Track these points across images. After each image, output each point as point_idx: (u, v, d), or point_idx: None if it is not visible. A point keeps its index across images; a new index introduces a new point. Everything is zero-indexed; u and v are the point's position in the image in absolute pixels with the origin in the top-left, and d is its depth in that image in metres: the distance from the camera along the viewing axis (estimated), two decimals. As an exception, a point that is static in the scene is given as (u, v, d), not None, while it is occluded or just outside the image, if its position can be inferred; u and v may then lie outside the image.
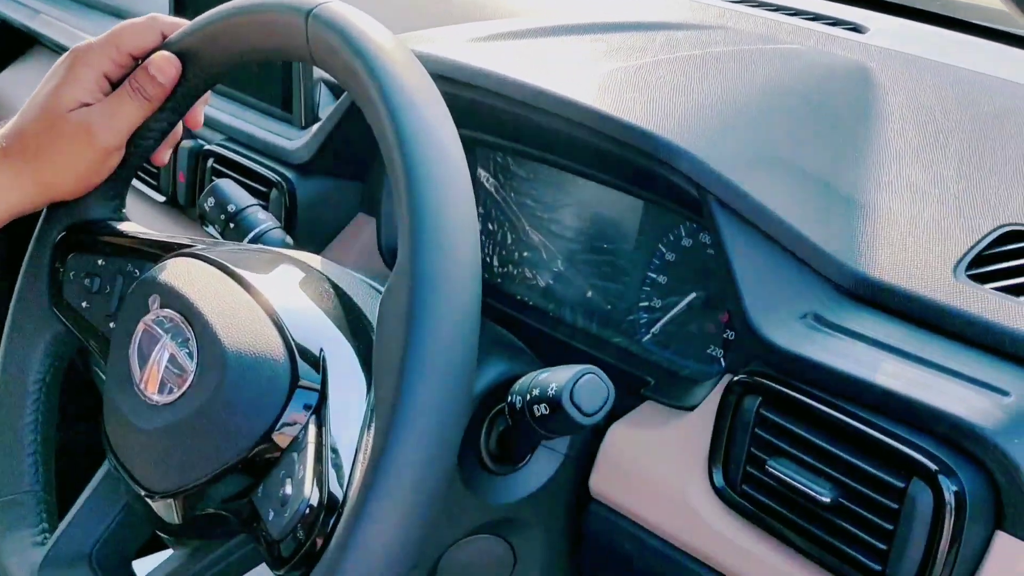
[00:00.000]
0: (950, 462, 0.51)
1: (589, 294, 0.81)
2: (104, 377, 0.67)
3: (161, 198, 1.05)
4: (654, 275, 0.77)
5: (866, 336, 0.57)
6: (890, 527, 0.53)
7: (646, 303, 0.78)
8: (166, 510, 0.62)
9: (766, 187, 0.61)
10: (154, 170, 1.05)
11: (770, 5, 0.96)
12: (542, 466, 0.69)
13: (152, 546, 0.71)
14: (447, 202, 0.51)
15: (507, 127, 0.77)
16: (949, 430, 0.52)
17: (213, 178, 0.98)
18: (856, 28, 0.88)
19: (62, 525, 0.67)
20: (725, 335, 0.73)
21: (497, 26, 0.87)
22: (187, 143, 0.99)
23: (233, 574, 0.63)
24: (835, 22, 0.90)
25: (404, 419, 0.48)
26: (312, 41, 0.58)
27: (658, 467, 0.66)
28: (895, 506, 0.53)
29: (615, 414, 0.70)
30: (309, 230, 0.89)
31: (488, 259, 0.88)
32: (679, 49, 0.77)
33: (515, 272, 0.86)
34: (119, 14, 1.34)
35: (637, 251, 0.78)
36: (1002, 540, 0.52)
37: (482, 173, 0.87)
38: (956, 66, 0.78)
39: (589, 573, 0.72)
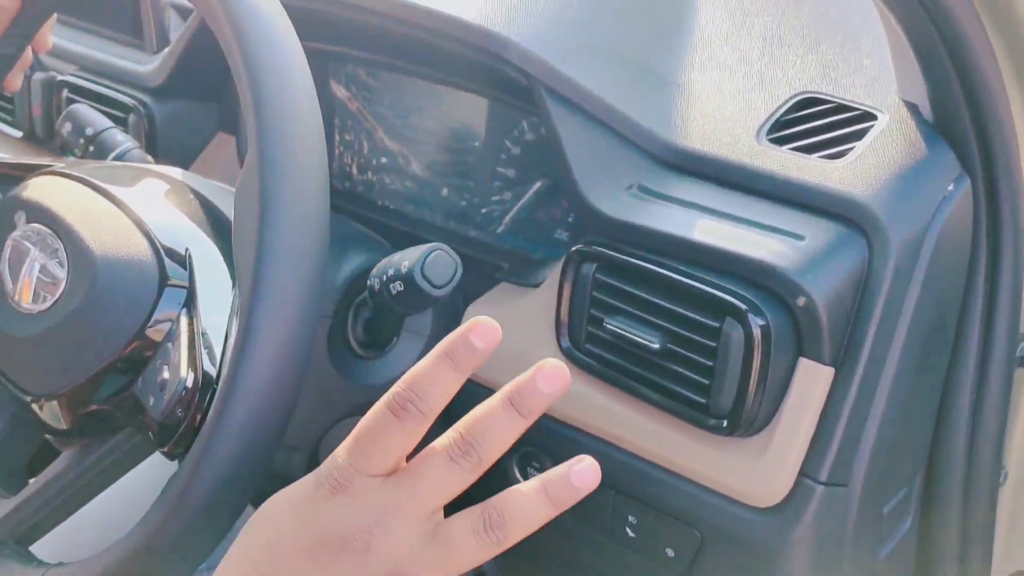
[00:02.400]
0: (757, 300, 0.59)
1: (445, 192, 0.86)
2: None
3: (18, 133, 1.05)
4: (503, 169, 0.83)
5: (683, 200, 0.64)
6: (710, 363, 0.60)
7: (497, 197, 0.83)
8: (52, 414, 0.65)
9: (589, 72, 0.67)
10: (8, 106, 1.05)
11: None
12: (407, 349, 0.75)
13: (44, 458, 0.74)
14: (289, 97, 0.55)
15: (357, 37, 0.81)
16: (754, 272, 0.59)
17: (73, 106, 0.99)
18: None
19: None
20: (570, 219, 0.79)
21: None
22: (40, 75, 1.00)
23: (122, 468, 0.67)
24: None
25: (263, 298, 0.53)
26: None
27: (512, 339, 0.71)
28: (713, 344, 0.60)
29: (472, 297, 0.76)
30: (170, 152, 0.91)
31: (348, 168, 0.92)
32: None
33: (374, 179, 0.91)
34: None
35: (485, 148, 0.83)
36: (803, 364, 0.60)
37: (335, 86, 0.91)
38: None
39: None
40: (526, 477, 0.74)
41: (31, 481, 0.68)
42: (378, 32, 0.77)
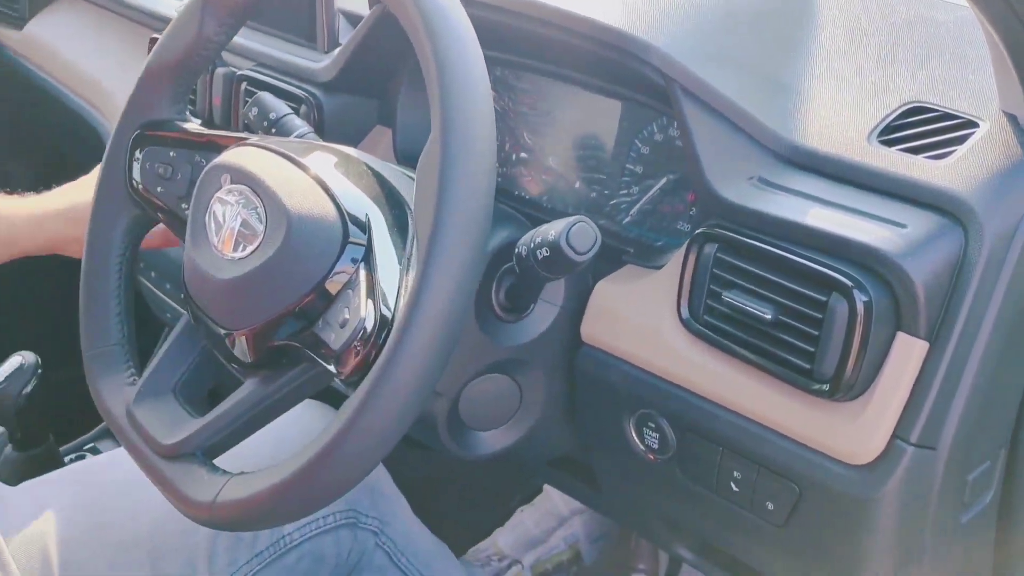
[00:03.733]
0: (861, 278, 0.67)
1: (577, 185, 0.96)
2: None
3: (198, 121, 1.18)
4: (631, 166, 0.92)
5: (799, 191, 0.73)
6: (816, 333, 0.68)
7: (625, 190, 0.93)
8: (240, 347, 0.76)
9: (720, 77, 0.76)
10: (192, 96, 1.18)
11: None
12: (542, 316, 0.84)
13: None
14: (470, 84, 0.65)
15: (505, 41, 0.91)
16: (860, 254, 0.67)
17: (246, 100, 1.12)
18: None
19: (150, 366, 0.82)
20: (691, 211, 0.88)
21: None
22: (222, 70, 1.13)
23: (298, 397, 0.78)
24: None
25: (438, 256, 0.63)
26: None
27: (636, 311, 0.81)
28: (819, 316, 0.68)
29: (600, 276, 0.86)
30: (334, 140, 1.03)
31: (489, 162, 1.02)
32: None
33: (514, 171, 1.01)
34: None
35: (617, 146, 0.92)
36: (900, 338, 0.67)
37: (483, 87, 1.01)
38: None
39: (581, 402, 0.87)
40: (643, 439, 0.83)
41: (217, 406, 0.80)
42: (524, 36, 0.88)
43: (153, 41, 1.28)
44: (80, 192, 1.02)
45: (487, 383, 0.85)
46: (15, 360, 1.09)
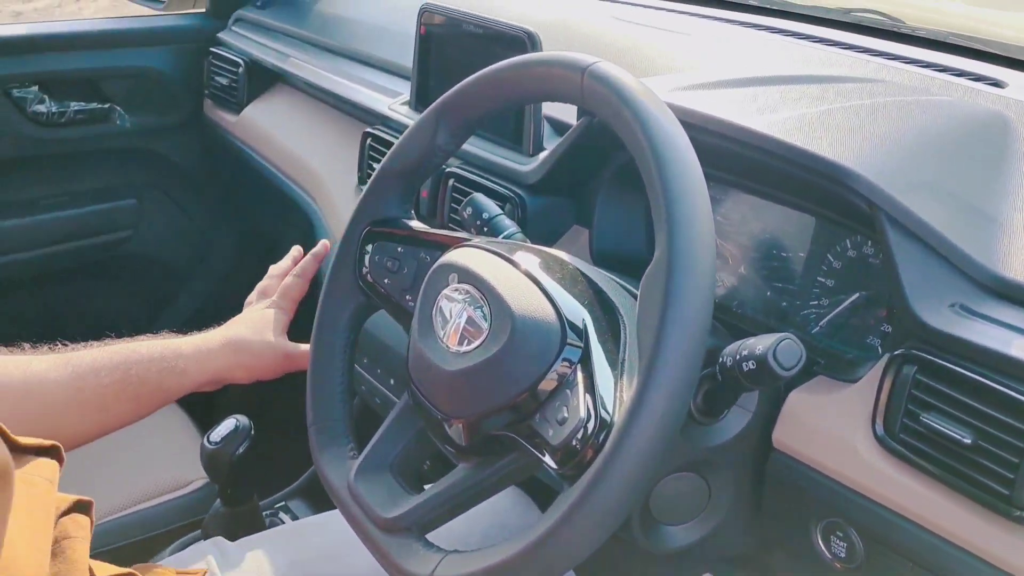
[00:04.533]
0: (1065, 412, 0.69)
1: (768, 294, 1.00)
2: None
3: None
4: (823, 279, 0.96)
5: (1001, 320, 0.75)
6: (1016, 460, 0.71)
7: (815, 302, 0.97)
8: (456, 432, 0.83)
9: (924, 205, 0.80)
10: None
11: (921, 62, 1.14)
12: (736, 420, 0.89)
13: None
14: (695, 214, 0.71)
15: (712, 157, 0.97)
16: (1064, 388, 0.70)
17: (454, 195, 1.21)
18: (996, 83, 1.06)
19: (371, 443, 0.90)
20: (882, 328, 0.91)
21: (692, 79, 1.08)
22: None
23: (507, 482, 0.84)
24: (978, 78, 1.08)
25: (661, 365, 0.68)
26: (586, 90, 0.79)
27: (829, 423, 0.85)
28: (1020, 444, 0.70)
29: (792, 385, 0.90)
30: (536, 238, 1.10)
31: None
32: (850, 98, 0.96)
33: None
34: (358, 59, 1.59)
35: (809, 259, 0.97)
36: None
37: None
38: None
39: (769, 504, 0.91)
40: (829, 547, 0.86)
41: (427, 487, 0.87)
42: (734, 156, 0.93)
43: (367, 135, 1.39)
44: (242, 326, 1.10)
45: (678, 480, 0.90)
46: (231, 422, 1.19)
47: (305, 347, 1.07)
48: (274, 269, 1.19)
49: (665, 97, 0.79)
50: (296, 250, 1.21)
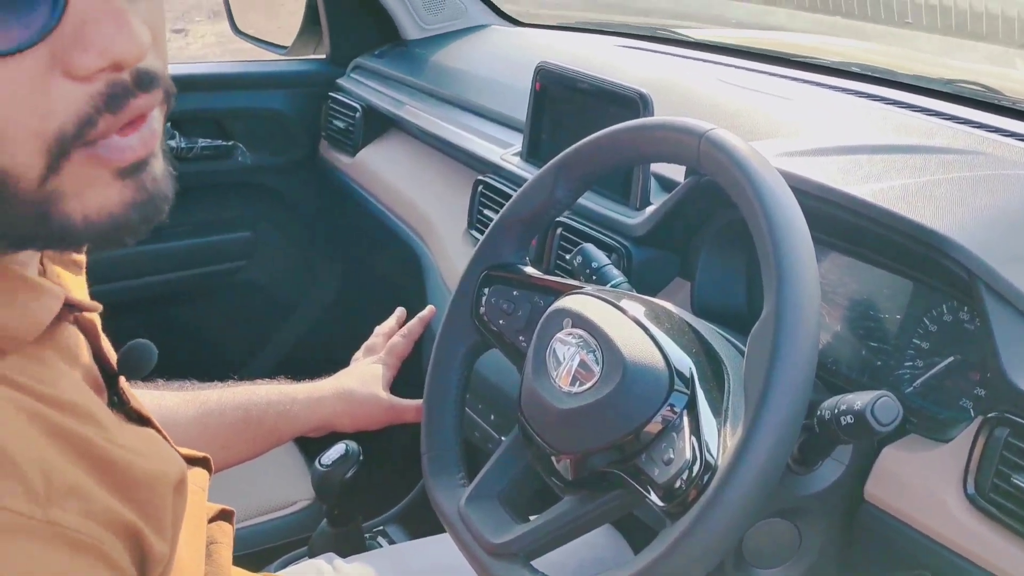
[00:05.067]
0: None
1: (863, 352, 1.05)
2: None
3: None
4: (918, 341, 1.00)
5: (1094, 390, 0.79)
6: (1105, 525, 0.74)
7: (910, 363, 1.00)
8: (563, 467, 0.89)
9: (1021, 277, 0.84)
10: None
11: (1020, 135, 1.18)
12: (829, 472, 0.93)
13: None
14: (803, 276, 0.76)
15: (816, 221, 1.02)
16: None
17: (562, 243, 1.28)
18: (1098, 160, 1.09)
19: (481, 473, 0.96)
20: (976, 391, 0.94)
21: (798, 144, 1.13)
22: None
23: (610, 516, 0.90)
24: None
25: (766, 417, 0.73)
26: (702, 155, 0.86)
27: (921, 480, 0.88)
28: (1110, 510, 0.74)
29: (885, 441, 0.94)
30: (639, 288, 1.16)
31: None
32: (952, 170, 1.01)
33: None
34: (470, 109, 1.68)
35: (906, 321, 1.01)
36: None
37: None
38: None
39: (857, 554, 0.94)
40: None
41: (532, 517, 0.93)
42: (835, 219, 0.98)
43: (479, 183, 1.47)
44: (351, 378, 1.19)
45: (771, 525, 0.94)
46: (341, 447, 1.27)
47: (407, 402, 1.16)
48: (380, 329, 1.29)
49: (774, 162, 0.84)
50: (400, 311, 1.32)
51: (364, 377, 1.19)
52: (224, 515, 0.85)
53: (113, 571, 0.53)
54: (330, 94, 2.01)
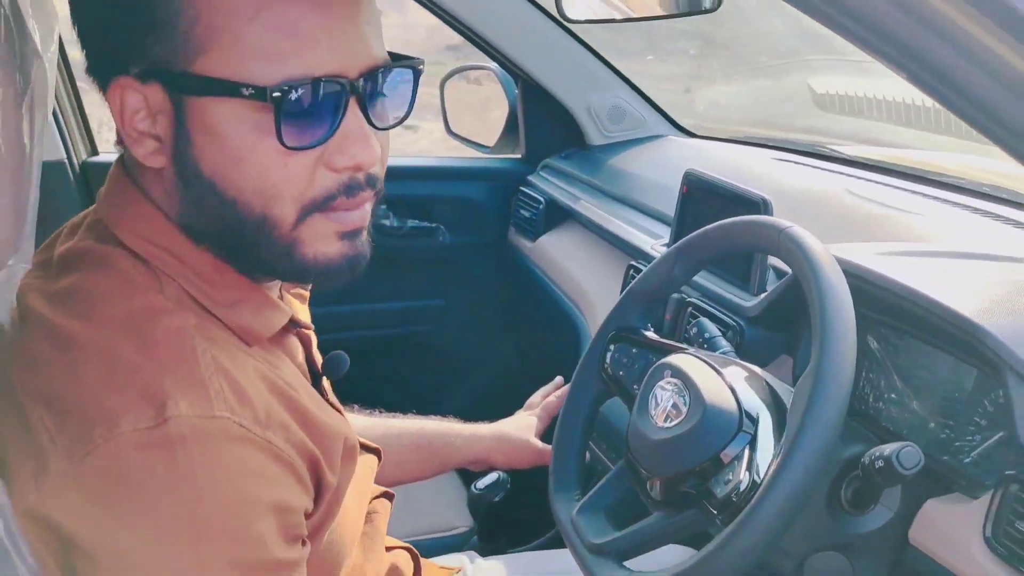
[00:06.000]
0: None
1: (931, 425, 1.22)
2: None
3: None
4: (978, 419, 1.17)
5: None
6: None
7: (969, 436, 1.17)
8: (653, 488, 1.12)
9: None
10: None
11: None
12: (879, 516, 1.11)
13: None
14: (843, 346, 0.98)
15: (887, 310, 1.22)
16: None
17: (690, 319, 1.51)
18: None
19: (591, 492, 1.20)
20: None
21: (892, 247, 1.33)
22: (675, 296, 1.53)
23: (688, 530, 1.11)
24: None
25: (796, 451, 0.95)
26: (780, 245, 1.09)
27: (953, 527, 1.05)
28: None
29: (932, 495, 1.11)
30: (748, 360, 1.38)
31: (867, 396, 1.31)
32: (1008, 275, 1.18)
33: (883, 406, 1.29)
34: (632, 204, 1.95)
35: (969, 401, 1.18)
36: None
37: (869, 339, 1.32)
38: None
39: (901, 591, 1.12)
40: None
41: (633, 526, 1.15)
42: (900, 309, 1.18)
43: (630, 267, 1.73)
44: (509, 424, 1.46)
45: (828, 558, 1.13)
46: (493, 475, 1.53)
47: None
48: (540, 391, 1.56)
49: (867, 257, 1.06)
50: (559, 379, 1.59)
51: (519, 424, 1.46)
52: (387, 495, 1.13)
53: (298, 482, 0.80)
54: (520, 188, 2.33)
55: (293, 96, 0.75)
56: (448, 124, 2.60)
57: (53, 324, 0.77)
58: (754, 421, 1.06)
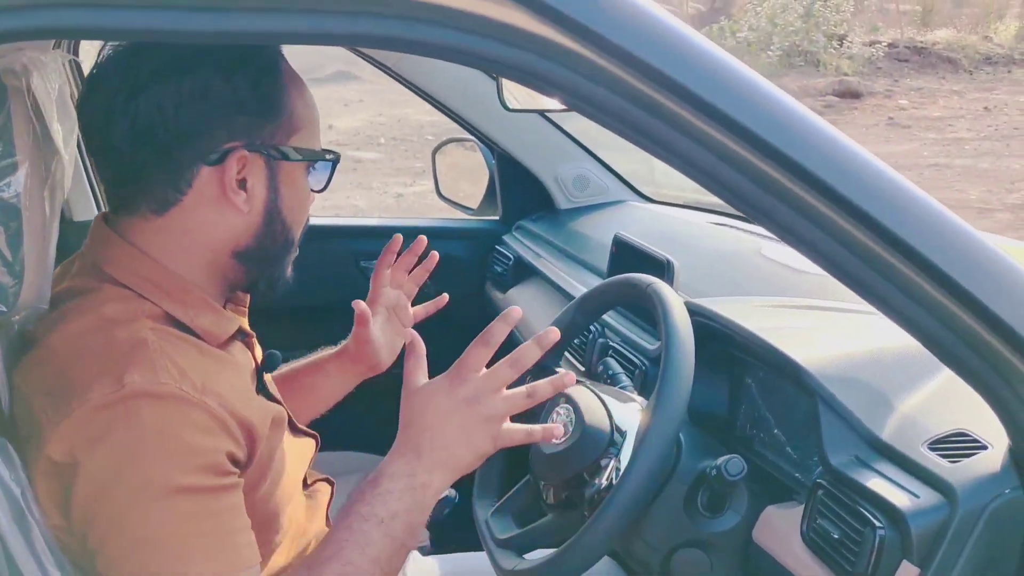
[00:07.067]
0: (885, 523, 1.13)
1: (788, 448, 1.47)
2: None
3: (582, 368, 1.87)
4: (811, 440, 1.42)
5: (875, 469, 1.20)
6: (856, 548, 1.14)
7: (808, 454, 1.42)
8: (547, 493, 1.38)
9: (846, 392, 1.27)
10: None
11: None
12: (729, 519, 1.36)
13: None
14: (679, 385, 1.25)
15: (757, 353, 1.48)
16: (889, 509, 1.13)
17: (604, 357, 1.78)
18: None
19: (502, 500, 1.47)
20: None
21: (774, 300, 1.60)
22: (600, 340, 1.80)
23: (575, 528, 1.37)
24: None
25: (641, 456, 1.21)
26: (646, 297, 1.36)
27: (783, 526, 1.31)
28: (859, 539, 1.14)
29: (774, 502, 1.36)
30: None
31: (745, 425, 1.57)
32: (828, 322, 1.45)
33: (755, 432, 1.54)
34: (584, 264, 2.22)
35: (806, 425, 1.43)
36: (904, 564, 1.11)
37: (747, 379, 1.57)
38: None
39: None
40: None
41: (529, 526, 1.41)
42: (762, 351, 1.44)
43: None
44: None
45: (689, 553, 1.38)
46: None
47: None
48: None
49: (722, 310, 1.34)
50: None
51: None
52: (327, 481, 1.41)
53: (228, 434, 1.05)
54: (496, 246, 2.62)
55: (329, 157, 1.21)
56: (439, 188, 2.91)
57: (48, 335, 1.07)
58: (623, 436, 1.32)
